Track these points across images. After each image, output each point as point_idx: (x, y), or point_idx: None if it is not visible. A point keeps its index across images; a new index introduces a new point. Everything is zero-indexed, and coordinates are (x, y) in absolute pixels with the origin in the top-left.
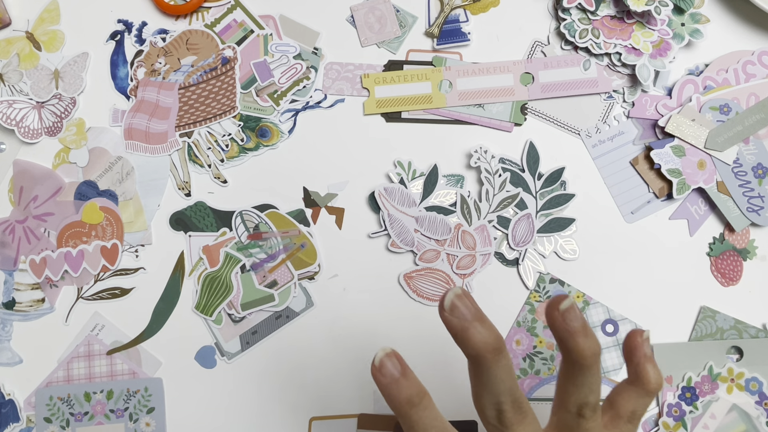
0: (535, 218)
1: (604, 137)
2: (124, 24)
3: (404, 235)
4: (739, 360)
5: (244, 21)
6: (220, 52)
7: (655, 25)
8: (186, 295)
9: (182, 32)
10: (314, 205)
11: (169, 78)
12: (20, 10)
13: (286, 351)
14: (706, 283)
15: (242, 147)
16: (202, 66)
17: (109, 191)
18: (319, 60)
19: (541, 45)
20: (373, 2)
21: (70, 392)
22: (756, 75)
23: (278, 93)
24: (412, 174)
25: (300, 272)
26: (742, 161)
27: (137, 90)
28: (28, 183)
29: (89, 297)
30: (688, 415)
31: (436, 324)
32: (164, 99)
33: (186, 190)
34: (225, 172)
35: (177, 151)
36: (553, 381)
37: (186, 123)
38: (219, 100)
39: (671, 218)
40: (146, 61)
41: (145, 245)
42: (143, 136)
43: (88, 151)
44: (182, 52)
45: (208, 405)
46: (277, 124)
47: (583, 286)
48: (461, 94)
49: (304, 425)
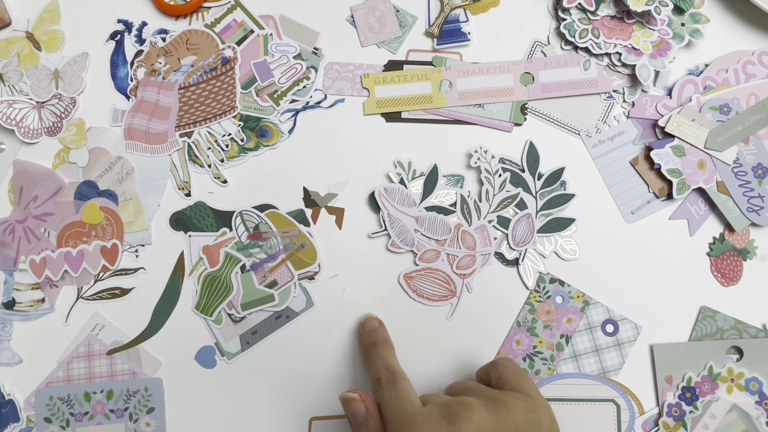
0: (535, 218)
1: (604, 137)
2: (124, 24)
3: (404, 235)
4: (739, 360)
5: (244, 21)
6: (220, 52)
7: (655, 25)
8: (186, 295)
9: (182, 32)
10: (314, 205)
11: (169, 78)
12: (20, 10)
13: (286, 351)
14: (706, 283)
15: (242, 147)
16: (202, 66)
17: (109, 191)
18: (319, 60)
19: (541, 45)
20: (373, 2)
21: (70, 392)
22: (756, 75)
23: (278, 93)
24: (412, 174)
25: (300, 272)
26: (742, 161)
27: (137, 90)
28: (28, 183)
29: (89, 297)
30: (688, 415)
31: (436, 324)
32: (164, 99)
33: (186, 190)
34: (225, 172)
35: (177, 151)
36: (553, 381)
37: (186, 123)
38: (219, 100)
39: (671, 218)
40: (146, 61)
41: (145, 245)
42: (143, 136)
43: (88, 151)
44: (182, 52)
45: (208, 405)
46: (277, 124)
47: (583, 286)
48: (461, 94)
49: (304, 425)
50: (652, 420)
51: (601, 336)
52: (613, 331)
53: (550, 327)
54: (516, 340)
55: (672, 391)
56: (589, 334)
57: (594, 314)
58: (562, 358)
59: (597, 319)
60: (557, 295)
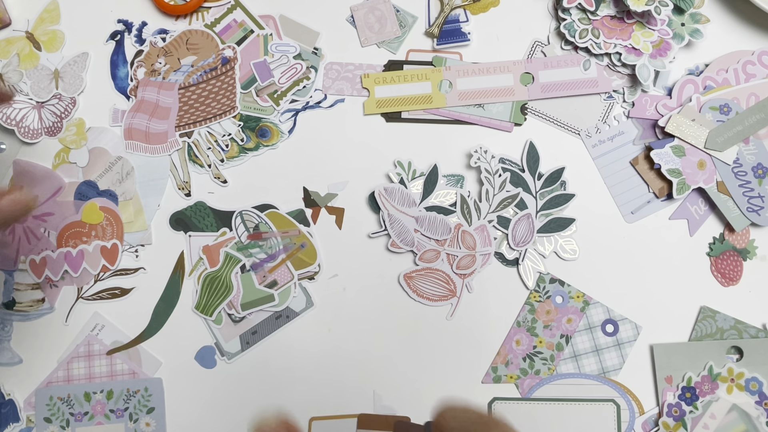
0: (535, 218)
1: (604, 137)
2: (124, 24)
3: (404, 235)
4: (739, 360)
5: (244, 21)
6: (220, 52)
7: (655, 25)
8: (186, 295)
9: (182, 32)
10: (314, 205)
11: (169, 78)
12: (20, 10)
13: (286, 351)
14: (706, 283)
15: (242, 147)
16: (202, 66)
17: (109, 191)
18: (319, 60)
19: (541, 45)
20: (373, 2)
21: (70, 392)
22: (756, 75)
23: (278, 93)
24: (412, 174)
25: (300, 272)
26: (742, 161)
27: (137, 90)
28: (28, 183)
29: (89, 297)
30: (688, 415)
31: (436, 324)
32: (164, 99)
33: (186, 190)
34: (225, 172)
35: (177, 151)
36: (553, 381)
37: (186, 123)
38: (219, 100)
39: (671, 218)
40: (146, 61)
41: (145, 245)
42: (143, 136)
43: (88, 151)
44: (182, 52)
45: (208, 405)
46: (277, 124)
47: (583, 286)
48: (461, 94)
49: (304, 425)
50: (652, 420)
51: (601, 336)
52: (613, 331)
53: (550, 327)
54: (516, 340)
55: (672, 391)
56: (589, 334)
57: (594, 314)
58: (562, 358)
59: (597, 319)
60: (557, 295)
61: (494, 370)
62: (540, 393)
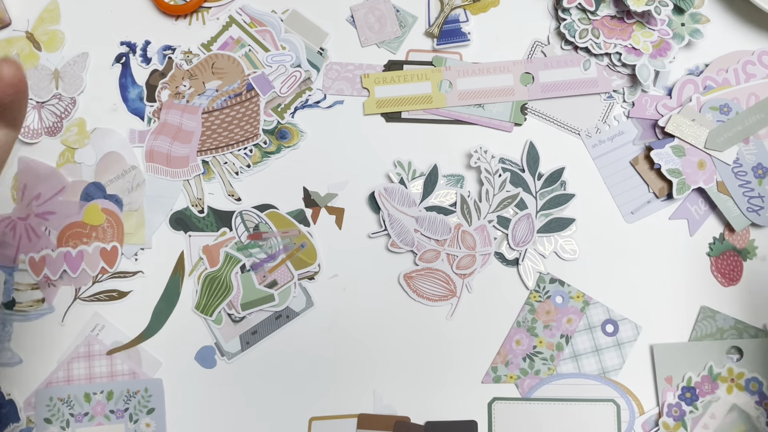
0: (535, 218)
1: (604, 137)
2: (128, 46)
3: (404, 235)
4: (739, 360)
5: (242, 38)
6: (245, 77)
7: (655, 25)
8: (186, 295)
9: (208, 56)
10: (314, 205)
11: (193, 101)
12: (20, 10)
13: (286, 351)
14: (706, 283)
15: (264, 151)
16: (227, 91)
17: (116, 197)
18: (323, 60)
19: (541, 45)
20: (373, 2)
21: (70, 393)
22: (756, 75)
23: (282, 106)
24: (412, 174)
25: (300, 272)
26: (742, 161)
27: (160, 112)
28: (31, 180)
29: (86, 298)
30: (688, 415)
31: (436, 324)
32: (187, 123)
33: (199, 207)
34: (237, 186)
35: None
36: (553, 381)
37: (208, 148)
38: (242, 127)
39: (671, 218)
40: (171, 83)
41: (145, 249)
42: (164, 159)
43: (103, 155)
44: (207, 75)
45: (208, 405)
46: (296, 124)
47: (583, 286)
48: (461, 94)
49: (304, 425)
50: (652, 420)
51: (601, 336)
52: (613, 331)
53: (550, 327)
54: (516, 340)
55: (672, 391)
56: (589, 334)
57: (594, 314)
58: (562, 358)
59: (597, 319)
60: (557, 295)
61: (494, 370)
62: (540, 393)
